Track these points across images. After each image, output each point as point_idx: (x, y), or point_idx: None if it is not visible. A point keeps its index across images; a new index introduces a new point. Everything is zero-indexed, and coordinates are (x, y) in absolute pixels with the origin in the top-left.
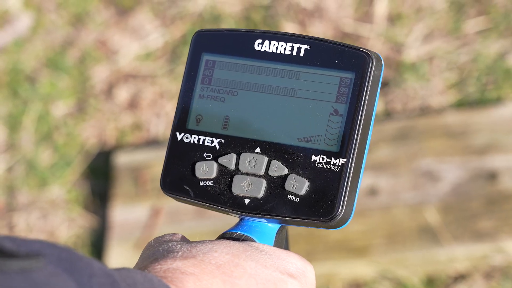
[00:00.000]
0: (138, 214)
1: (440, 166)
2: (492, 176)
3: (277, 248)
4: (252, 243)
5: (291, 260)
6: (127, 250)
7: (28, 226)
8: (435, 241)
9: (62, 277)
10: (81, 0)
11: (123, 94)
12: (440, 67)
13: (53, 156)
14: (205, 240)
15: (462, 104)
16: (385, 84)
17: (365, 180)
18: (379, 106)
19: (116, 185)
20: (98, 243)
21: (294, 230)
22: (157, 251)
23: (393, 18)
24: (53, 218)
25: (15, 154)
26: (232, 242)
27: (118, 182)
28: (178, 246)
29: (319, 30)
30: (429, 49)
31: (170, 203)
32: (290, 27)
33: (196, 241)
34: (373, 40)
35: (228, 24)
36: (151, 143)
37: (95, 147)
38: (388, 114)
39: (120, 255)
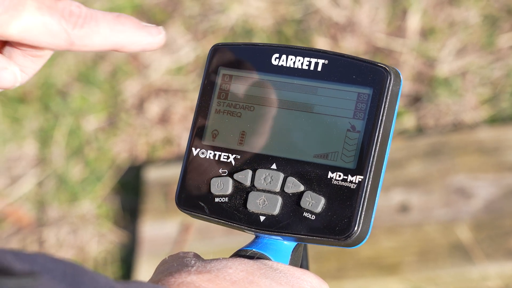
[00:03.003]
0: (168, 229)
1: (473, 183)
2: None
3: (291, 267)
4: (267, 261)
5: (306, 279)
6: None
7: (58, 241)
8: (467, 258)
9: None
10: None
11: (154, 108)
12: (473, 82)
13: (84, 171)
14: (219, 258)
15: (495, 120)
16: (417, 99)
17: (397, 197)
18: (411, 121)
19: (147, 201)
20: (128, 258)
21: (324, 247)
22: (171, 266)
23: (426, 33)
24: (83, 233)
25: (46, 169)
26: (246, 260)
27: (149, 197)
28: (193, 261)
29: (351, 44)
30: (462, 64)
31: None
32: (322, 42)
33: (210, 259)
34: (405, 54)
35: (260, 38)
36: (182, 158)
37: (126, 162)
38: (420, 130)
39: (150, 271)
